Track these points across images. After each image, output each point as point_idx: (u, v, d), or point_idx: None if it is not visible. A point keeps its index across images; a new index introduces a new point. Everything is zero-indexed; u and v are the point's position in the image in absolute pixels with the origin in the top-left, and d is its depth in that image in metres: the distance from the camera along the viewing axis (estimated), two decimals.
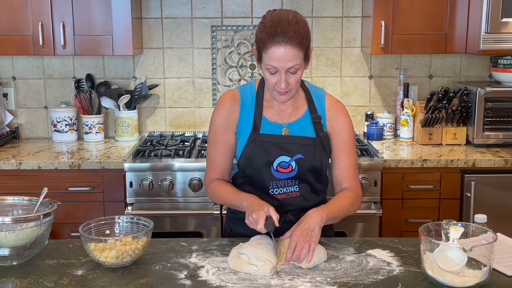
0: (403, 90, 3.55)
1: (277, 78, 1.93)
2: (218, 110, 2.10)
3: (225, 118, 2.08)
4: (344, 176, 2.09)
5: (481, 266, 1.62)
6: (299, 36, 1.88)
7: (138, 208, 2.97)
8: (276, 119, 2.08)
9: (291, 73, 1.92)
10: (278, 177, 2.05)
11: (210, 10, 3.58)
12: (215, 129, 2.10)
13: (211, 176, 2.13)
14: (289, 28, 1.87)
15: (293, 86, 1.96)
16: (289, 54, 1.87)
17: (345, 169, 2.08)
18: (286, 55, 1.87)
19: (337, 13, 3.58)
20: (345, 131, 2.09)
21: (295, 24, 1.89)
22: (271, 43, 1.88)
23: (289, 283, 1.67)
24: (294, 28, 1.87)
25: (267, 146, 2.04)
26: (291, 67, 1.90)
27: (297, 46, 1.88)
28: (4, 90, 3.63)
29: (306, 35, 1.91)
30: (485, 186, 3.03)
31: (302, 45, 1.89)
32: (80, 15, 3.22)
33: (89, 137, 3.52)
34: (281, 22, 1.88)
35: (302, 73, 1.96)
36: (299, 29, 1.89)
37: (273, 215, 1.86)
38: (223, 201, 2.15)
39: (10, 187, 3.00)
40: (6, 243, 1.76)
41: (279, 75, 1.92)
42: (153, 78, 3.65)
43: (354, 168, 2.10)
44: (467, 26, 3.24)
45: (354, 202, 2.05)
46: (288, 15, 1.91)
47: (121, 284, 1.67)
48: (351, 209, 2.03)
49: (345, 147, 2.08)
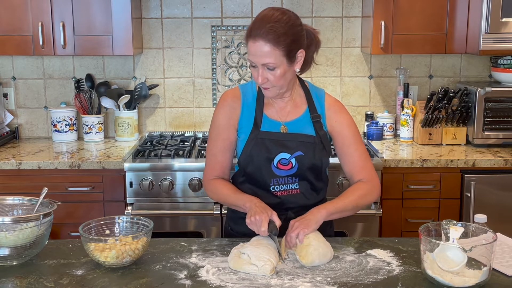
0: (403, 90, 3.55)
1: (257, 72, 1.96)
2: (220, 107, 2.12)
3: (227, 115, 2.09)
4: (355, 169, 2.09)
5: (481, 266, 1.62)
6: (274, 33, 1.88)
7: (138, 208, 2.97)
8: (275, 117, 2.09)
9: (269, 69, 1.93)
10: (278, 174, 2.06)
11: (210, 10, 3.58)
12: (217, 125, 2.11)
13: (212, 173, 2.13)
14: (265, 24, 1.89)
15: (275, 83, 1.96)
16: (262, 49, 1.89)
17: (354, 163, 2.09)
18: (259, 50, 1.90)
19: (337, 13, 3.58)
20: (346, 128, 2.10)
21: (274, 21, 1.89)
22: (248, 37, 1.93)
23: (289, 283, 1.67)
24: (271, 25, 1.89)
25: (267, 143, 2.05)
26: (266, 63, 1.91)
27: (271, 43, 1.88)
28: (4, 90, 3.63)
29: (285, 34, 1.90)
30: (485, 186, 3.03)
31: (278, 43, 1.89)
32: (80, 15, 3.22)
33: (89, 137, 3.52)
34: (263, 18, 1.92)
35: (283, 72, 1.95)
36: (277, 27, 1.89)
37: (276, 220, 1.87)
38: (224, 201, 2.14)
39: (10, 187, 3.00)
40: (6, 243, 1.76)
41: (258, 69, 1.95)
42: (153, 78, 3.65)
43: (364, 159, 2.09)
44: (467, 26, 3.24)
45: (367, 193, 2.03)
46: (274, 13, 1.92)
47: (121, 284, 1.67)
48: (363, 200, 2.02)
49: (350, 142, 2.09)
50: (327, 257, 1.82)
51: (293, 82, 2.07)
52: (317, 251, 1.79)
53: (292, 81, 2.06)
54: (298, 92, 2.12)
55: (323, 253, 1.80)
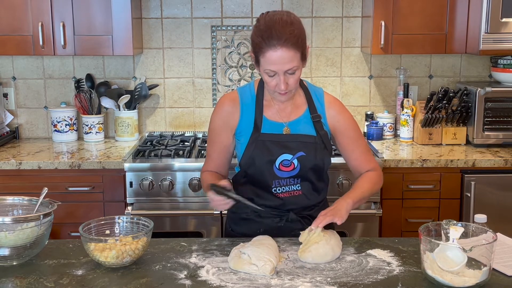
0: (403, 90, 3.55)
1: (276, 80, 1.94)
2: (216, 111, 2.13)
3: (222, 120, 2.11)
4: (362, 163, 2.15)
5: (481, 266, 1.62)
6: (294, 37, 1.88)
7: (138, 208, 2.97)
8: (276, 118, 2.09)
9: (290, 73, 1.92)
10: (280, 175, 2.06)
11: (210, 10, 3.58)
12: (213, 129, 2.15)
13: (206, 168, 2.19)
14: (284, 30, 1.87)
15: (293, 86, 1.97)
16: (286, 56, 1.88)
17: (359, 158, 2.14)
18: (283, 57, 1.88)
19: (337, 13, 3.58)
20: (349, 126, 2.13)
21: (289, 25, 1.88)
22: (267, 47, 1.88)
23: (289, 283, 1.67)
24: (289, 29, 1.87)
25: (268, 144, 2.05)
26: (289, 69, 1.90)
27: (293, 48, 1.88)
28: (4, 90, 3.63)
29: (301, 35, 1.91)
30: (485, 186, 3.03)
31: (298, 46, 1.89)
32: (80, 15, 3.22)
33: (89, 137, 3.52)
34: (275, 24, 1.88)
35: (300, 73, 1.97)
36: (294, 30, 1.88)
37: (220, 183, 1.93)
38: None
39: (10, 187, 3.00)
40: (6, 243, 1.76)
41: (278, 77, 1.93)
42: (153, 78, 3.65)
43: (367, 152, 2.17)
44: (467, 26, 3.24)
45: (377, 181, 2.13)
46: (282, 17, 1.91)
47: (121, 284, 1.67)
48: (375, 188, 2.13)
49: (353, 139, 2.14)
50: (337, 252, 1.83)
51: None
52: (331, 247, 1.81)
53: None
54: (298, 92, 2.12)
55: (319, 251, 1.81)
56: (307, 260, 1.80)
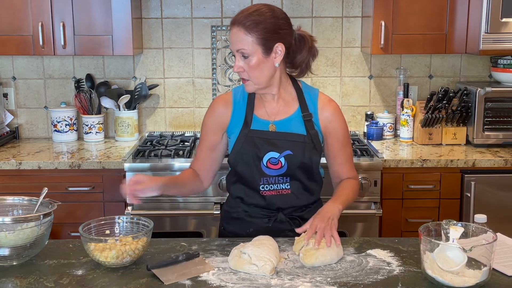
0: (403, 90, 3.55)
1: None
2: (209, 112, 2.19)
3: (213, 120, 2.16)
4: (342, 170, 2.16)
5: (481, 266, 1.62)
6: (249, 20, 1.93)
7: (138, 208, 2.97)
8: (265, 116, 2.11)
9: (245, 57, 1.97)
10: (268, 173, 2.07)
11: (210, 10, 3.58)
12: (203, 127, 2.20)
13: (192, 165, 2.22)
14: (246, 14, 1.95)
15: (249, 73, 1.98)
16: (237, 35, 1.96)
17: (342, 164, 2.15)
18: (235, 35, 1.96)
19: (337, 13, 3.58)
20: (339, 130, 2.12)
21: (254, 12, 1.95)
22: (230, 25, 2.00)
23: (289, 283, 1.67)
24: (248, 14, 1.95)
25: (256, 141, 2.07)
26: (239, 49, 1.96)
27: (247, 30, 1.94)
28: (4, 90, 3.63)
29: (261, 22, 1.94)
30: (485, 186, 3.03)
31: (254, 32, 1.93)
32: (80, 15, 3.22)
33: (89, 137, 3.52)
34: (247, 9, 1.99)
35: (258, 62, 1.96)
36: (254, 15, 1.94)
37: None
38: None
39: (10, 187, 3.00)
40: (6, 243, 1.76)
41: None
42: (153, 78, 3.65)
43: (351, 160, 2.19)
44: (467, 26, 3.24)
45: (357, 191, 2.16)
46: (261, 7, 1.97)
47: (121, 284, 1.67)
48: (355, 197, 2.13)
49: (341, 144, 2.13)
50: (336, 257, 1.83)
51: (279, 80, 2.06)
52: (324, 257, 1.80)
53: (277, 79, 2.05)
54: (288, 91, 2.12)
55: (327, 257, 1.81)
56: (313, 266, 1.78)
